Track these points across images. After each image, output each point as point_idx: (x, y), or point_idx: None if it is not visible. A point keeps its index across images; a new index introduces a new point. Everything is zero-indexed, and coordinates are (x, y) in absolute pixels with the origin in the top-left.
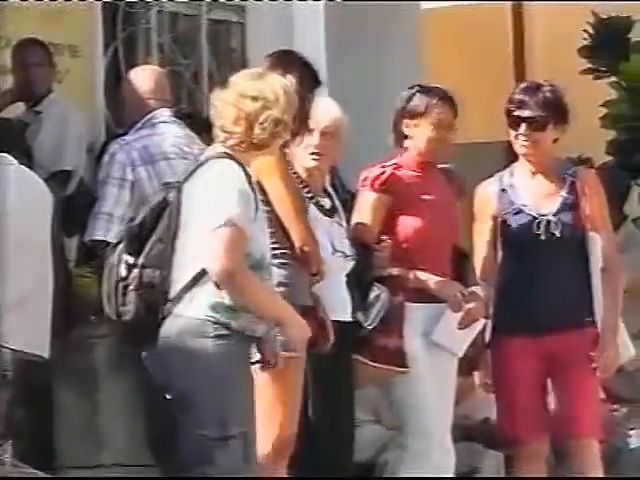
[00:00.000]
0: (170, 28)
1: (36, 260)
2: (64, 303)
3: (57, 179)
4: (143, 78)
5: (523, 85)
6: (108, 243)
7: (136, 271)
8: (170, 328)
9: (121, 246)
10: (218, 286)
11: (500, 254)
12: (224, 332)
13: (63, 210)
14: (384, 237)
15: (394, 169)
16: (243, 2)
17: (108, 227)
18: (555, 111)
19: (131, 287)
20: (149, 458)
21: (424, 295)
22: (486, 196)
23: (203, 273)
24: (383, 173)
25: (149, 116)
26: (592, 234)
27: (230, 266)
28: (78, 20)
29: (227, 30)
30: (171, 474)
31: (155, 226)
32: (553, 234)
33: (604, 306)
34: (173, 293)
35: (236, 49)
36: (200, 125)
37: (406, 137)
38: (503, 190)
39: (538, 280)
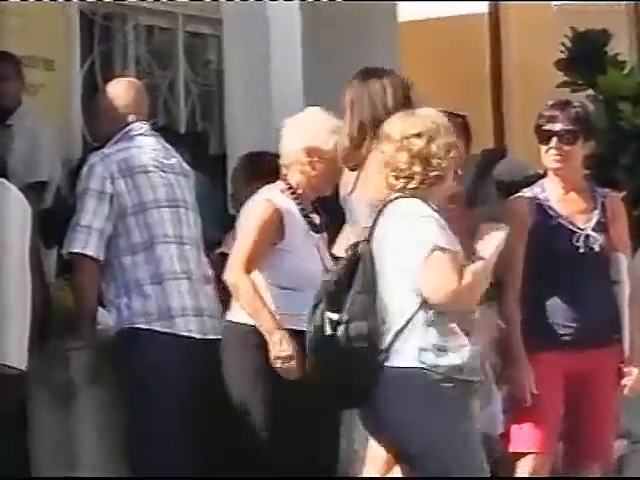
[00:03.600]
0: (147, 41)
1: (14, 272)
2: (42, 316)
3: (32, 190)
4: (120, 91)
5: (552, 102)
6: (86, 255)
7: (342, 327)
8: (384, 383)
9: (322, 305)
10: (434, 324)
11: (531, 267)
12: (440, 376)
13: (41, 222)
14: None
15: None
16: (219, 15)
17: (87, 239)
18: (585, 126)
19: (342, 344)
20: (124, 472)
21: None
22: (522, 209)
23: (411, 320)
24: None
25: (127, 129)
26: (618, 254)
27: (452, 286)
28: (54, 33)
29: (203, 43)
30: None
31: (351, 279)
32: (592, 248)
33: (632, 323)
34: (384, 343)
35: (212, 61)
36: (175, 138)
37: None
38: (539, 204)
39: (577, 294)
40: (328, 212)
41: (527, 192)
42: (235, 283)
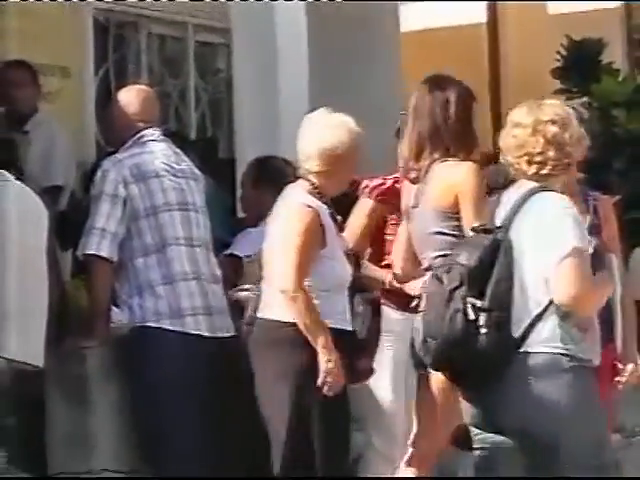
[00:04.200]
0: (159, 50)
1: (32, 272)
2: (58, 315)
3: (47, 194)
4: (132, 98)
5: None
6: (100, 257)
7: (484, 314)
8: (519, 367)
9: (463, 289)
10: (566, 317)
11: None
12: (575, 363)
13: (57, 224)
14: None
15: (394, 182)
16: (228, 25)
17: (101, 242)
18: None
19: (483, 330)
20: (136, 464)
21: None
22: None
23: (547, 308)
24: (383, 184)
25: (139, 135)
26: (610, 255)
27: (580, 294)
28: (70, 42)
29: (213, 52)
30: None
31: (492, 267)
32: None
33: (624, 322)
34: (519, 331)
35: (222, 70)
36: (186, 143)
37: None
38: None
39: None
40: None
41: None
42: (292, 293)
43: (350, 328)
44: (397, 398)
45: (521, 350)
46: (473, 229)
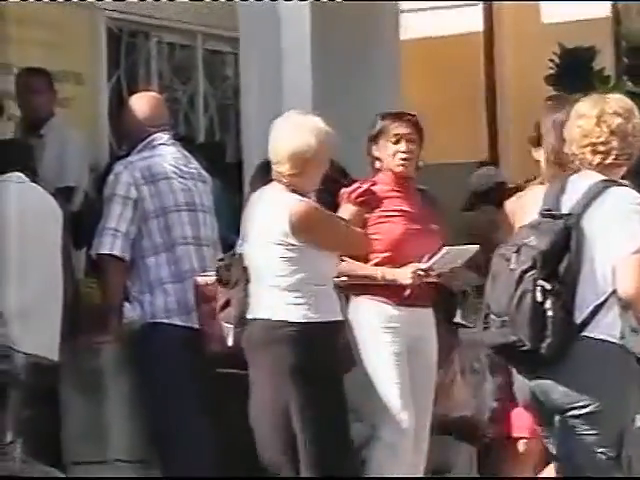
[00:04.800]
0: (169, 57)
1: (48, 271)
2: (72, 311)
3: (61, 195)
4: (143, 104)
5: None
6: (112, 256)
7: (552, 297)
8: (578, 350)
9: (534, 272)
10: (626, 308)
11: None
12: (626, 354)
13: (71, 225)
14: None
15: (370, 185)
16: (236, 34)
17: (113, 241)
18: None
19: (549, 313)
20: (148, 454)
21: (406, 300)
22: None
23: (608, 298)
24: (359, 188)
25: (149, 139)
26: None
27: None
28: (84, 50)
29: (221, 59)
30: (172, 468)
31: (562, 252)
32: None
33: None
34: (581, 317)
35: (230, 76)
36: (194, 147)
37: (376, 159)
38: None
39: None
40: None
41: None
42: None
43: (342, 318)
44: (402, 391)
45: (582, 335)
46: (540, 213)
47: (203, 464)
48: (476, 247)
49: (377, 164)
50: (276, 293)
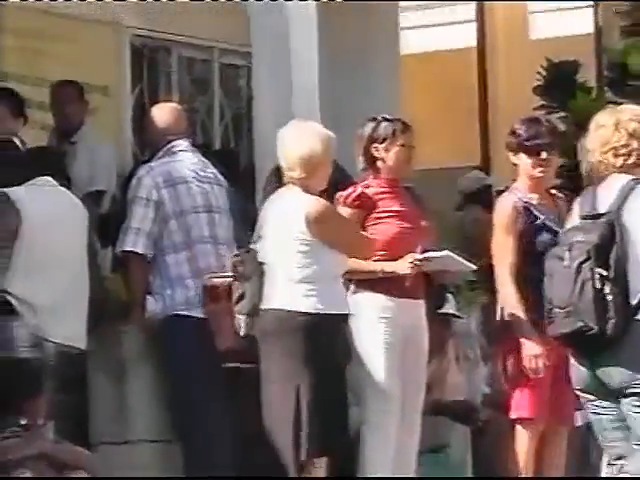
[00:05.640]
0: (187, 71)
1: (74, 267)
2: (98, 303)
3: (91, 198)
4: (164, 114)
5: (525, 119)
6: (136, 253)
7: (609, 283)
8: (636, 332)
9: (590, 262)
10: None
11: (527, 262)
12: None
13: (99, 225)
14: None
15: (364, 188)
16: (249, 49)
17: (137, 240)
18: (558, 139)
19: (609, 297)
20: (169, 435)
21: (401, 291)
22: (514, 211)
23: None
24: (354, 191)
25: (169, 145)
26: None
27: None
28: (109, 64)
29: (236, 72)
30: (192, 450)
31: (611, 246)
32: None
33: None
34: (634, 301)
35: (243, 88)
36: (211, 153)
37: (375, 159)
38: (526, 207)
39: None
40: None
41: (512, 195)
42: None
43: (348, 312)
44: (391, 377)
45: (636, 317)
46: (582, 217)
47: (221, 443)
48: (473, 267)
49: (378, 164)
50: (291, 285)
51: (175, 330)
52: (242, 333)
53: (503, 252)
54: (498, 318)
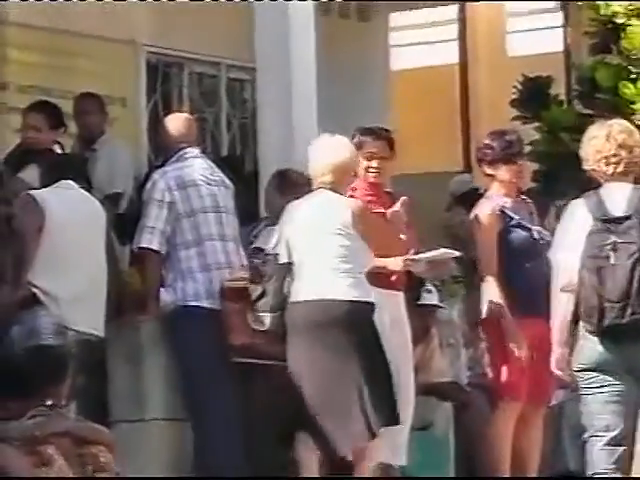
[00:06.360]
0: (198, 84)
1: (94, 262)
2: (115, 295)
3: (110, 199)
4: (176, 123)
5: (493, 133)
6: (151, 249)
7: None
8: None
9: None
10: None
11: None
12: None
13: (117, 224)
14: None
15: (352, 190)
16: (254, 65)
17: (151, 237)
18: (523, 145)
19: None
20: (179, 414)
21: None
22: (493, 215)
23: None
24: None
25: (181, 152)
26: None
27: None
28: (127, 78)
29: (241, 86)
30: (200, 430)
31: None
32: (543, 239)
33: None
34: None
35: (248, 100)
36: (219, 159)
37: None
38: (502, 211)
39: (539, 275)
40: None
41: (490, 202)
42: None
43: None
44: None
45: None
46: (599, 219)
47: (227, 423)
48: (456, 253)
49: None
50: (334, 277)
51: (185, 319)
52: (266, 328)
53: (486, 250)
54: (483, 308)
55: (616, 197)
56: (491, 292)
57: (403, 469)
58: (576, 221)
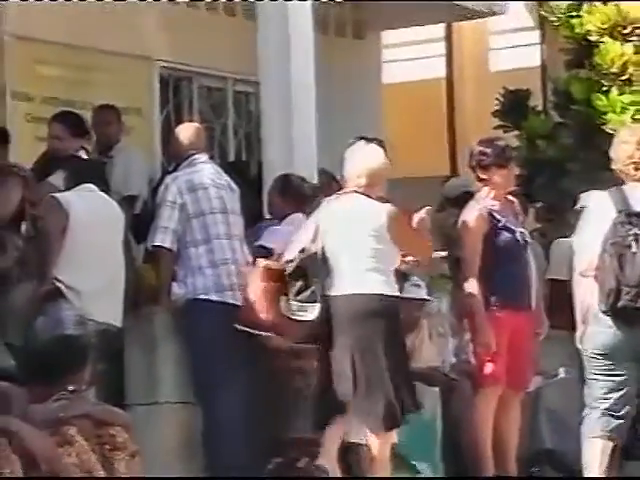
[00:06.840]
0: (206, 97)
1: (113, 259)
2: (132, 289)
3: (126, 201)
4: (187, 132)
5: (484, 141)
6: (164, 247)
7: None
8: None
9: None
10: None
11: (491, 257)
12: None
13: (133, 224)
14: None
15: None
16: (258, 79)
17: (164, 237)
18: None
19: None
20: (191, 398)
21: None
22: (480, 218)
23: None
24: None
25: (191, 158)
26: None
27: None
28: (142, 90)
29: (246, 98)
30: (209, 415)
31: None
32: (526, 240)
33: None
34: None
35: (253, 111)
36: (226, 165)
37: None
38: (490, 213)
39: (522, 273)
40: None
41: (478, 205)
42: None
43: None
44: None
45: None
46: (624, 213)
47: (236, 409)
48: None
49: None
50: (370, 273)
51: (195, 311)
52: (312, 318)
53: (471, 251)
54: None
55: (638, 195)
56: (472, 290)
57: (396, 447)
58: (600, 212)
